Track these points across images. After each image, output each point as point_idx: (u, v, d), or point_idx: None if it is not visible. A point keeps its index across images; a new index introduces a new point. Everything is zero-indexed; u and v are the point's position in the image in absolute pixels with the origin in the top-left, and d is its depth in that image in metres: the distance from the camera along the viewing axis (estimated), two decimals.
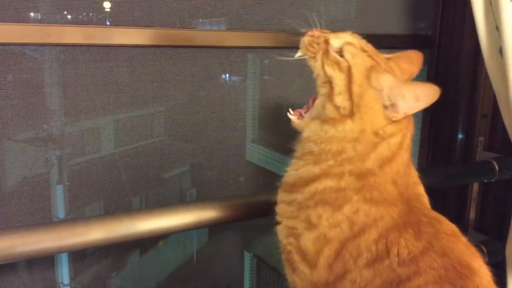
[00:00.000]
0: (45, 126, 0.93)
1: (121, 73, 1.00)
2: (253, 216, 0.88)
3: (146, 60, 1.01)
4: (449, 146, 1.38)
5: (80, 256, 1.03)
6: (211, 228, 1.23)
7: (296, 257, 0.72)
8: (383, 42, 1.33)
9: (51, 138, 0.94)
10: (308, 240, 0.70)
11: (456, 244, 0.64)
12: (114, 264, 1.10)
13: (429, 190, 0.70)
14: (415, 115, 0.70)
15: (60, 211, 0.98)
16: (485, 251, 1.09)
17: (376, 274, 0.63)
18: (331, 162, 0.70)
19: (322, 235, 0.69)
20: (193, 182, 1.17)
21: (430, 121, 1.42)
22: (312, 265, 0.70)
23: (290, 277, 0.74)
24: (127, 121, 1.03)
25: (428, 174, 1.14)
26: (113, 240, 0.77)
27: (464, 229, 0.67)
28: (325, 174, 0.70)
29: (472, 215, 1.33)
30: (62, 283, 1.01)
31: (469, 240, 0.65)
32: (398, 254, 0.63)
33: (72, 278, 1.02)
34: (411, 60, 0.79)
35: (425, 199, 0.75)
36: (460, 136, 1.36)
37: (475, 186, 1.32)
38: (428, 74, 1.41)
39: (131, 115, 1.04)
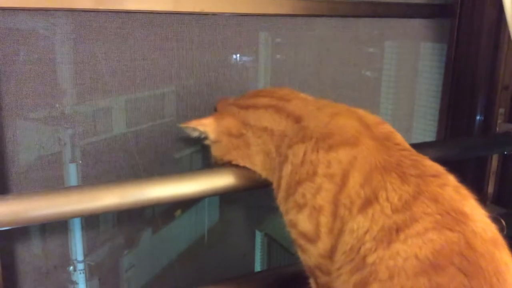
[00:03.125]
0: (57, 105, 0.97)
1: (133, 53, 1.03)
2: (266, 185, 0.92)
3: (157, 40, 1.05)
4: (468, 117, 1.40)
5: (93, 233, 1.10)
6: (222, 207, 1.29)
7: (301, 241, 0.77)
8: (398, 11, 1.34)
9: (64, 117, 0.99)
10: (303, 222, 0.75)
11: (445, 188, 0.67)
12: (126, 242, 1.15)
13: (447, 162, 0.73)
14: (434, 85, 0.73)
15: None
16: (503, 224, 1.13)
17: (371, 220, 0.66)
18: (272, 148, 0.82)
19: (312, 208, 0.74)
20: (205, 162, 1.21)
21: (449, 91, 1.44)
22: (315, 240, 0.74)
23: (301, 256, 0.80)
24: (139, 101, 1.07)
25: (447, 145, 1.17)
26: (127, 206, 0.83)
27: (482, 202, 0.70)
28: (281, 161, 0.80)
29: (490, 188, 1.37)
30: (76, 259, 1.07)
31: (488, 213, 0.68)
32: (387, 199, 0.66)
33: (85, 255, 1.08)
34: None
35: (398, 135, 0.79)
36: (480, 107, 1.38)
37: (495, 159, 1.36)
38: (449, 47, 1.42)
39: (143, 95, 1.08)
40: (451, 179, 0.70)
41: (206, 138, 0.95)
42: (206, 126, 0.93)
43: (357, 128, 0.76)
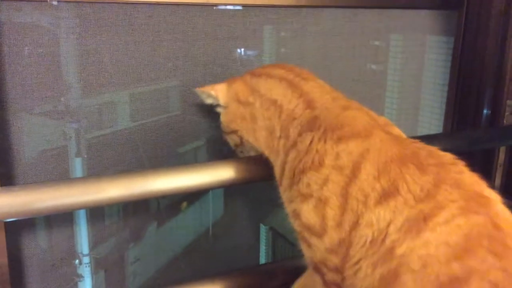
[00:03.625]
0: (62, 99, 0.97)
1: (137, 48, 1.03)
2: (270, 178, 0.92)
3: (162, 35, 1.05)
4: (475, 110, 1.40)
5: (99, 227, 1.11)
6: (226, 201, 1.29)
7: (306, 234, 0.77)
8: (404, 2, 1.34)
9: (68, 111, 0.99)
10: (308, 213, 0.75)
11: (463, 175, 0.69)
12: (132, 235, 1.16)
13: (454, 154, 0.74)
14: (440, 78, 0.73)
15: None
16: None
17: (394, 212, 0.66)
18: (277, 126, 0.82)
19: (318, 200, 0.73)
20: (209, 157, 1.22)
21: (456, 84, 1.43)
22: (321, 233, 0.74)
23: (307, 252, 0.79)
24: (143, 95, 1.08)
25: (454, 137, 1.17)
26: (135, 197, 0.84)
27: None
28: (288, 146, 0.79)
29: (498, 180, 1.37)
30: (81, 253, 1.08)
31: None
32: (409, 191, 0.67)
33: (91, 248, 1.09)
34: None
35: (397, 129, 0.81)
36: (487, 99, 1.37)
37: (502, 151, 1.36)
38: (455, 39, 1.41)
39: (147, 88, 1.08)
40: (465, 166, 0.71)
41: (218, 105, 0.94)
42: (217, 91, 0.92)
43: (369, 121, 0.76)
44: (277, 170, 0.84)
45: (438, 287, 0.60)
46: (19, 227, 0.99)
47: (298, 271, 0.93)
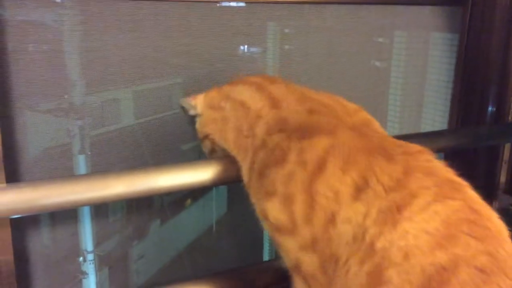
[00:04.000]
0: (66, 96, 0.98)
1: (141, 45, 1.04)
2: None
3: (165, 32, 1.05)
4: (480, 107, 1.40)
5: (103, 224, 1.11)
6: (230, 197, 1.30)
7: (276, 236, 0.75)
8: None
9: (72, 108, 1.00)
10: (275, 211, 0.73)
11: (433, 162, 0.69)
12: (136, 232, 1.17)
13: (458, 151, 0.74)
14: (445, 75, 0.74)
15: None
16: None
17: (368, 205, 0.65)
18: (245, 125, 0.84)
19: (284, 197, 0.72)
20: None
21: (461, 81, 1.43)
22: (292, 230, 0.72)
23: (283, 257, 0.77)
24: (147, 92, 1.08)
25: (459, 134, 1.17)
26: (136, 194, 0.85)
27: (493, 191, 0.71)
28: (257, 145, 0.80)
29: (503, 177, 1.36)
30: (86, 250, 1.08)
31: (499, 203, 0.69)
32: (378, 181, 0.65)
33: (95, 246, 1.10)
34: None
35: (376, 123, 0.80)
36: (492, 96, 1.37)
37: (507, 148, 1.35)
38: (460, 35, 1.40)
39: (150, 86, 1.08)
40: (432, 155, 0.71)
41: (197, 115, 0.97)
42: (196, 99, 0.95)
43: (334, 123, 0.76)
44: (245, 171, 0.84)
45: (426, 281, 0.58)
46: (24, 224, 1.00)
47: None
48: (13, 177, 0.95)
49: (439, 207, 0.62)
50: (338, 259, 0.67)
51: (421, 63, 1.47)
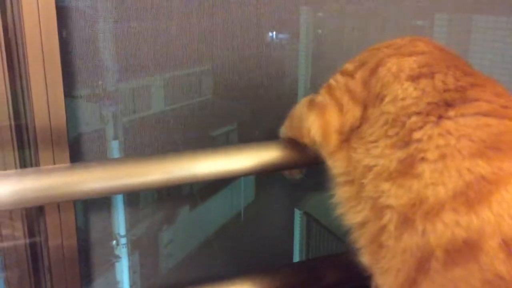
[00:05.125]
0: (100, 82, 1.00)
1: (171, 32, 1.04)
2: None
3: (196, 19, 1.05)
4: None
5: (135, 209, 1.14)
6: (258, 184, 1.30)
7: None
8: None
9: (106, 94, 1.02)
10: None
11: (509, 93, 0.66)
12: (165, 218, 1.20)
13: None
14: None
15: None
16: None
17: (422, 91, 0.65)
18: None
19: None
20: (241, 141, 1.24)
21: None
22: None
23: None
24: (177, 79, 1.09)
25: None
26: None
27: None
28: None
29: None
30: (118, 234, 1.12)
31: None
32: (443, 81, 0.65)
33: (127, 230, 1.13)
34: None
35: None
36: None
37: None
38: None
39: (180, 73, 1.09)
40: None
41: None
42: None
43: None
44: None
45: (463, 187, 0.56)
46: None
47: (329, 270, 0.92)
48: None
49: (494, 122, 0.59)
50: (364, 136, 0.68)
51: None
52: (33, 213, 0.93)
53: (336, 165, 0.74)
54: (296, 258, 1.39)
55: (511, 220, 0.53)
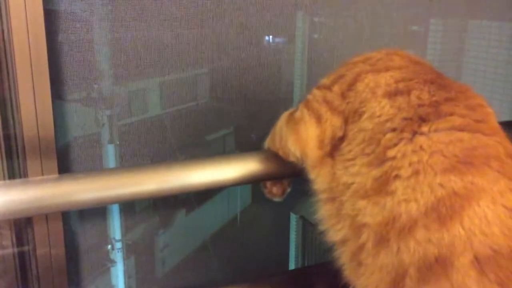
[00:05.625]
0: (96, 86, 1.00)
1: (167, 36, 1.05)
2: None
3: (191, 23, 1.06)
4: None
5: (131, 213, 1.14)
6: (255, 188, 1.30)
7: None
8: None
9: (102, 98, 1.02)
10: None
11: (486, 108, 0.67)
12: (161, 222, 1.20)
13: None
14: None
15: None
16: None
17: (397, 108, 0.64)
18: None
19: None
20: (237, 145, 1.24)
21: None
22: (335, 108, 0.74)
23: None
24: (173, 83, 1.09)
25: None
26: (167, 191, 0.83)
27: None
28: None
29: None
30: (114, 238, 1.12)
31: None
32: (419, 97, 0.65)
33: (123, 234, 1.13)
34: None
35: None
36: None
37: None
38: None
39: (176, 77, 1.10)
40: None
41: None
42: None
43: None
44: None
45: (435, 203, 0.56)
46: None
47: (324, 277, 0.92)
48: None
49: (467, 136, 0.59)
50: (343, 153, 0.68)
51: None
52: (21, 222, 0.92)
53: (318, 180, 0.73)
54: (292, 261, 1.39)
55: (483, 236, 0.53)
